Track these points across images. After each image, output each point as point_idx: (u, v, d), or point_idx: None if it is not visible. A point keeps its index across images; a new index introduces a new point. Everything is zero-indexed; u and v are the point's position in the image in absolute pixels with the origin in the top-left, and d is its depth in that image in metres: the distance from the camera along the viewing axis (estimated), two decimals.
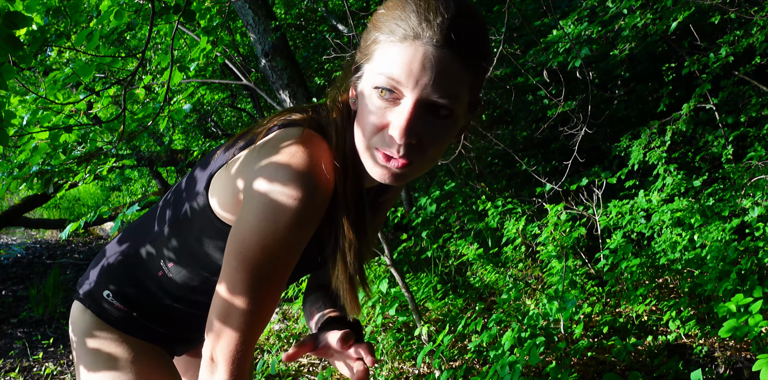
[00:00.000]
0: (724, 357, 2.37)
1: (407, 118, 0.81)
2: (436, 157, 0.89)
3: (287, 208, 0.84)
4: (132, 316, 1.16)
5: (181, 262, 1.08)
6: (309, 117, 0.96)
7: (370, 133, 0.86)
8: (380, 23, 0.85)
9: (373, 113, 0.84)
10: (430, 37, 0.79)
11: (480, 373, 2.36)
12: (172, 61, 1.73)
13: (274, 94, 4.11)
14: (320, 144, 0.90)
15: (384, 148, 0.85)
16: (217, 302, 0.89)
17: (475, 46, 0.82)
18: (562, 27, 3.05)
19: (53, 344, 4.11)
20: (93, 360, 1.15)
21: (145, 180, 9.36)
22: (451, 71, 0.80)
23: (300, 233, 0.87)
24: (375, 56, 0.85)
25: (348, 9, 2.47)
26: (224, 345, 0.88)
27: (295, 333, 3.55)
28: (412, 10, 0.82)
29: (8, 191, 2.09)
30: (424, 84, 0.80)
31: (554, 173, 4.64)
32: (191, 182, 1.05)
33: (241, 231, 0.88)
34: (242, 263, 0.87)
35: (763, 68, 3.81)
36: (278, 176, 0.85)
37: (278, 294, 0.90)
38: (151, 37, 2.08)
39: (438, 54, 0.79)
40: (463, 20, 0.81)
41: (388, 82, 0.82)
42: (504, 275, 3.31)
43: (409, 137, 0.82)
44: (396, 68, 0.81)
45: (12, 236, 8.76)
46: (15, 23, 1.15)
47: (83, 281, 1.22)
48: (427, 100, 0.81)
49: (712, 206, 3.10)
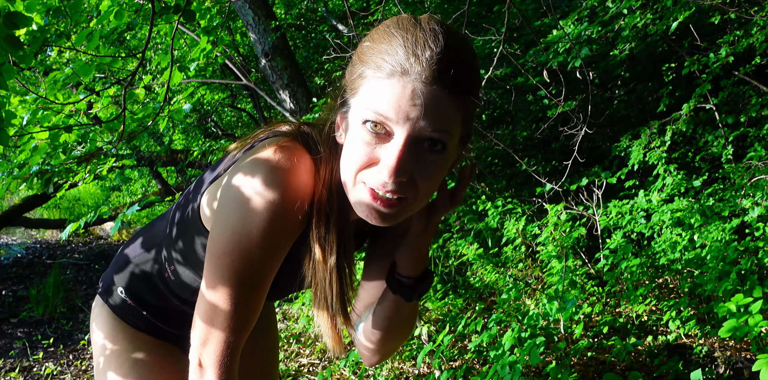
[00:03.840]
0: (724, 357, 2.37)
1: (398, 156, 0.78)
2: (428, 194, 0.86)
3: (260, 210, 0.83)
4: (142, 314, 1.18)
5: (182, 264, 1.09)
6: (297, 132, 0.94)
7: (358, 168, 0.83)
8: (366, 57, 0.81)
9: (362, 148, 0.81)
10: (419, 73, 0.76)
11: (480, 373, 2.36)
12: (172, 61, 1.73)
13: (274, 94, 4.11)
14: (301, 154, 0.88)
15: (372, 184, 0.82)
16: (200, 305, 0.90)
17: (465, 81, 0.79)
18: (562, 27, 3.05)
19: (53, 344, 4.11)
20: (108, 354, 1.18)
21: (145, 180, 9.36)
22: (441, 107, 0.78)
23: (275, 236, 0.85)
24: (362, 91, 0.82)
25: (348, 9, 2.47)
26: (210, 350, 0.89)
27: (295, 333, 3.55)
28: (399, 44, 0.78)
29: (8, 191, 2.09)
30: (414, 120, 0.77)
31: (554, 173, 4.64)
32: (198, 185, 1.06)
33: (215, 234, 0.88)
34: (218, 267, 0.87)
35: (763, 68, 3.80)
36: (252, 179, 0.85)
37: (259, 298, 0.89)
38: (151, 37, 2.08)
39: (427, 90, 0.76)
40: (452, 54, 0.78)
41: (377, 118, 0.79)
42: (504, 275, 3.31)
43: (400, 176, 0.79)
44: (384, 105, 0.78)
45: (12, 236, 8.76)
46: (15, 23, 1.15)
47: (104, 277, 1.25)
48: (419, 135, 0.79)
49: (712, 206, 3.10)
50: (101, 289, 1.24)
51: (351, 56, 0.89)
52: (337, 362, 3.13)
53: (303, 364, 3.22)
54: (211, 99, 6.86)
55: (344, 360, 2.86)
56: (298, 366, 3.20)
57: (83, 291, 5.51)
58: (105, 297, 1.22)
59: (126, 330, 1.19)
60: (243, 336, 0.89)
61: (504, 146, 2.99)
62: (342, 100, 0.88)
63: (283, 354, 3.31)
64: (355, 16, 4.33)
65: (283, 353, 3.34)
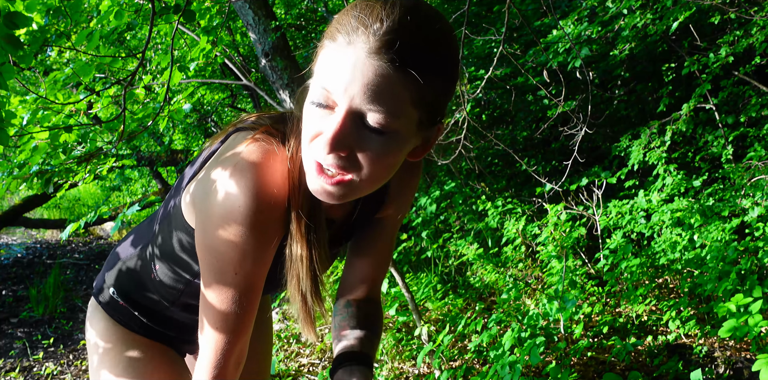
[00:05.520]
0: (724, 357, 2.37)
1: (336, 127, 0.75)
2: (379, 175, 0.81)
3: (232, 207, 0.83)
4: (134, 314, 1.17)
5: (166, 263, 1.08)
6: (271, 122, 0.93)
7: (306, 142, 0.81)
8: (327, 30, 0.79)
9: (311, 121, 0.79)
10: (363, 43, 0.72)
11: (480, 373, 2.36)
12: (172, 61, 1.73)
13: (274, 94, 4.11)
14: (273, 147, 0.87)
15: (317, 156, 0.80)
16: (200, 304, 0.91)
17: (418, 57, 0.73)
18: (562, 27, 3.05)
19: (53, 344, 4.11)
20: (103, 355, 1.17)
21: (145, 180, 9.36)
22: (384, 83, 0.72)
23: (251, 233, 0.84)
24: (317, 64, 0.79)
25: None
26: (208, 349, 0.90)
27: (295, 333, 3.55)
28: (354, 14, 0.75)
29: (8, 191, 2.09)
30: (352, 93, 0.73)
31: (554, 173, 4.64)
32: (180, 180, 1.05)
33: (197, 235, 0.89)
34: (205, 269, 0.88)
35: (763, 68, 3.80)
36: (229, 177, 0.84)
37: (249, 300, 0.89)
38: (151, 37, 2.07)
39: (369, 63, 0.72)
40: (405, 28, 0.72)
41: (321, 90, 0.76)
42: (504, 275, 3.31)
43: (338, 147, 0.76)
44: (328, 76, 0.75)
45: (12, 236, 8.76)
46: (15, 23, 1.15)
47: (97, 278, 1.25)
48: (358, 110, 0.75)
49: (712, 206, 3.10)
50: (95, 289, 1.23)
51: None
52: None
53: (303, 364, 3.22)
54: (211, 99, 6.85)
55: None
56: (298, 366, 3.20)
57: (83, 291, 5.51)
58: (98, 297, 1.21)
59: (119, 330, 1.18)
60: (237, 338, 0.90)
61: (504, 146, 2.99)
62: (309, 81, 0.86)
63: (283, 354, 3.31)
64: None
65: (283, 353, 3.34)
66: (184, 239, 1.00)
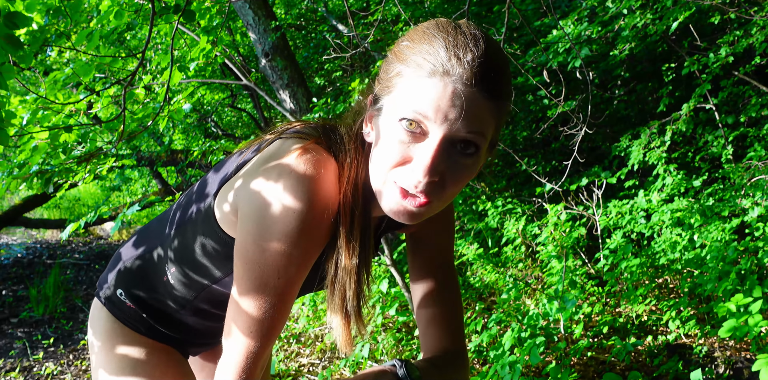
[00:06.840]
0: (724, 357, 2.37)
1: (433, 155, 0.79)
2: (453, 195, 0.86)
3: (285, 218, 0.83)
4: (142, 317, 1.16)
5: (182, 268, 1.07)
6: (318, 133, 0.93)
7: (390, 166, 0.83)
8: (405, 56, 0.82)
9: (396, 146, 0.82)
10: (460, 74, 0.77)
11: (480, 373, 2.36)
12: (172, 61, 1.73)
13: (274, 94, 4.12)
14: (326, 159, 0.88)
15: (403, 183, 0.83)
16: (230, 310, 0.90)
17: (502, 86, 0.81)
18: (562, 27, 3.05)
19: (53, 344, 4.11)
20: (107, 357, 1.16)
21: (145, 180, 9.35)
22: (479, 109, 0.79)
23: (303, 245, 0.85)
24: (398, 89, 0.82)
25: (348, 9, 2.47)
26: (234, 355, 0.89)
27: (295, 333, 3.55)
28: (440, 45, 0.79)
29: (8, 191, 2.09)
30: (452, 120, 0.78)
31: (554, 173, 4.64)
32: (203, 185, 1.04)
33: (242, 242, 0.87)
34: (247, 275, 0.87)
35: (763, 68, 3.81)
36: (278, 187, 0.84)
37: (286, 305, 0.89)
38: (151, 37, 2.08)
39: (468, 92, 0.78)
40: (491, 59, 0.79)
41: (415, 116, 0.79)
42: (504, 275, 3.31)
43: (433, 176, 0.80)
44: (423, 103, 0.79)
45: (12, 236, 8.77)
46: (15, 23, 1.15)
47: (101, 279, 1.24)
48: (454, 136, 0.80)
49: (712, 206, 3.10)
50: (99, 290, 1.22)
51: (386, 55, 0.89)
52: (337, 362, 3.13)
53: (303, 364, 3.22)
54: (211, 99, 6.85)
55: (344, 360, 2.86)
56: (298, 366, 3.20)
57: (83, 291, 5.51)
58: (103, 299, 1.20)
59: (126, 333, 1.16)
60: (268, 342, 0.89)
61: (504, 146, 2.98)
62: (375, 97, 0.88)
63: (283, 354, 3.31)
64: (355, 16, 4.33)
65: (283, 353, 3.34)
66: (209, 244, 0.99)
